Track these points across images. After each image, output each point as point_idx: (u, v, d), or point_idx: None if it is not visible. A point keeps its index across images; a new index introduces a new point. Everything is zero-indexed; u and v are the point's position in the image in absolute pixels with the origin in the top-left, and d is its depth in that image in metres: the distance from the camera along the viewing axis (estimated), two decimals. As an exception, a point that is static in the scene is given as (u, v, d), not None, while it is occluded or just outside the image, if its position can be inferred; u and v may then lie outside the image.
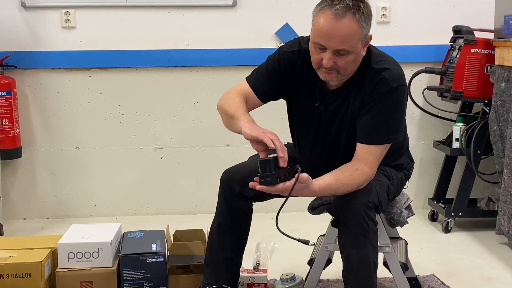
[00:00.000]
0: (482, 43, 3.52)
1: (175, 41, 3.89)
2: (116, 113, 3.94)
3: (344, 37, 2.01)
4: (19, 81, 3.82)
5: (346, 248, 2.09)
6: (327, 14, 2.01)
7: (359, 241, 2.06)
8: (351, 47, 2.04)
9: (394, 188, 2.32)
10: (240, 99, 2.22)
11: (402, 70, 2.18)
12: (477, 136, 3.50)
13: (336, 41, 2.02)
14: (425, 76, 3.88)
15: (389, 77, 2.10)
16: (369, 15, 2.05)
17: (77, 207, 3.98)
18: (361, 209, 2.05)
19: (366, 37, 2.08)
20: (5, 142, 3.66)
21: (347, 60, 2.06)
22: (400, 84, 2.12)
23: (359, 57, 2.10)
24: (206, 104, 3.95)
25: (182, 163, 4.01)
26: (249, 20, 3.91)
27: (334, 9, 1.99)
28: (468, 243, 3.42)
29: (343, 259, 2.11)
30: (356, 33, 2.02)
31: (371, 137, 2.13)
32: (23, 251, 2.42)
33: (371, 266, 2.10)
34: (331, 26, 2.01)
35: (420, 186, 4.06)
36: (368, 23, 2.05)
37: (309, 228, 3.01)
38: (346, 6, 1.99)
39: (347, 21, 2.00)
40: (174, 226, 2.85)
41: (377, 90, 2.10)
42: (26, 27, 3.82)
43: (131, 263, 2.37)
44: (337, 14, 1.99)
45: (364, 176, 2.11)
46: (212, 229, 2.35)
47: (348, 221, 2.07)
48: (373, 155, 2.13)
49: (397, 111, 2.13)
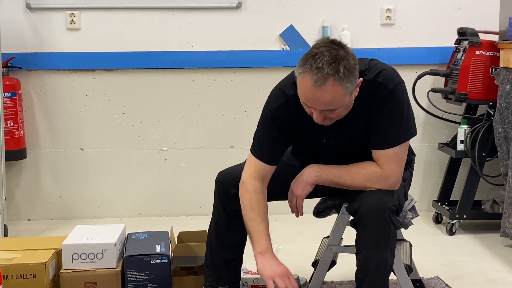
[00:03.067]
0: (487, 45, 3.52)
1: (179, 43, 3.90)
2: (121, 114, 3.95)
3: (329, 101, 1.98)
4: (24, 83, 3.82)
5: (365, 249, 2.07)
6: (308, 82, 1.95)
7: (380, 244, 2.05)
8: (339, 105, 2.01)
9: (408, 187, 2.35)
10: (256, 199, 2.18)
11: (393, 68, 2.16)
12: (482, 138, 3.49)
13: (322, 105, 2.00)
14: (429, 78, 3.88)
15: (384, 80, 2.09)
16: (351, 72, 1.96)
17: (82, 208, 3.99)
18: (386, 212, 2.05)
19: (354, 88, 2.02)
20: (10, 143, 3.66)
21: (338, 112, 2.04)
22: (396, 82, 2.10)
23: (351, 102, 2.07)
24: (210, 106, 3.96)
25: (186, 165, 4.01)
26: (253, 22, 3.91)
27: (314, 79, 1.93)
28: (473, 245, 3.41)
29: (359, 260, 2.09)
30: (340, 95, 1.98)
31: (382, 143, 2.13)
32: (27, 252, 2.43)
33: (388, 270, 2.10)
34: (313, 94, 1.97)
35: (425, 188, 4.05)
36: (352, 79, 1.97)
37: (313, 230, 3.01)
38: (325, 75, 1.92)
39: (329, 88, 1.94)
40: (178, 227, 2.85)
41: (378, 96, 2.09)
42: (31, 29, 3.83)
43: (135, 264, 2.37)
44: (317, 84, 1.94)
45: (371, 170, 2.11)
46: (210, 231, 2.36)
47: (371, 223, 2.05)
48: (383, 158, 2.12)
49: (402, 109, 2.12)
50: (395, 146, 2.13)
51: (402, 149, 2.15)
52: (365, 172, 2.13)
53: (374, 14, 3.94)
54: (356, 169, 2.15)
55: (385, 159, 2.12)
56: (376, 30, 3.95)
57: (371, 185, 2.12)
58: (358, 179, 2.14)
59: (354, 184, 2.14)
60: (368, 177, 2.13)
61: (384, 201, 2.07)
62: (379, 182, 2.12)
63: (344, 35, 3.88)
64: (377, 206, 2.06)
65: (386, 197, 2.08)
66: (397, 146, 2.13)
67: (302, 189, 2.19)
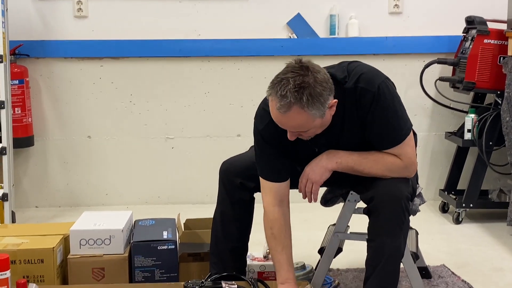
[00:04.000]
0: (495, 33, 3.50)
1: (186, 31, 3.90)
2: (128, 102, 3.95)
3: (295, 126, 2.00)
4: (32, 70, 3.83)
5: (380, 236, 2.07)
6: (273, 106, 1.96)
7: (395, 231, 2.06)
8: (308, 128, 2.01)
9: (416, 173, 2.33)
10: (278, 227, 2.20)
11: (372, 68, 2.12)
12: (489, 127, 3.48)
13: (290, 128, 2.02)
14: (437, 67, 3.87)
15: (365, 84, 2.06)
16: (317, 99, 1.93)
17: (89, 196, 4.01)
18: (403, 200, 2.05)
19: (325, 110, 1.99)
20: (18, 130, 3.68)
21: (310, 132, 2.04)
22: (379, 83, 2.06)
23: (326, 121, 2.05)
24: (217, 94, 3.96)
25: (193, 153, 4.02)
26: (260, 10, 3.90)
27: (277, 106, 1.94)
28: (479, 234, 3.41)
29: (372, 247, 2.09)
30: (307, 121, 1.97)
31: (390, 142, 2.12)
32: (35, 237, 2.44)
33: (400, 257, 2.12)
34: (279, 119, 1.98)
35: (431, 178, 4.05)
36: (318, 105, 1.94)
37: (320, 218, 3.02)
38: (288, 103, 1.92)
39: (293, 115, 1.95)
40: (184, 215, 2.86)
41: (364, 103, 2.06)
42: (38, 17, 3.84)
43: (142, 250, 2.38)
44: (281, 111, 1.94)
45: (391, 160, 2.11)
46: (215, 219, 2.36)
47: (387, 210, 2.05)
48: (397, 151, 2.12)
49: (393, 107, 2.10)
50: (402, 142, 2.12)
51: (409, 139, 2.15)
52: (385, 161, 2.12)
53: (382, 2, 3.92)
54: (376, 158, 2.12)
55: (399, 153, 2.12)
56: (384, 19, 3.93)
57: (390, 174, 2.12)
58: (377, 168, 2.12)
59: (373, 172, 2.13)
60: (387, 167, 2.11)
61: (401, 189, 2.07)
62: (399, 172, 2.12)
63: (351, 23, 3.87)
64: (394, 194, 2.06)
65: (402, 185, 2.09)
66: (403, 141, 2.12)
67: (321, 175, 2.14)
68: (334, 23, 3.86)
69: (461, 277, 2.76)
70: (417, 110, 3.97)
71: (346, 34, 3.91)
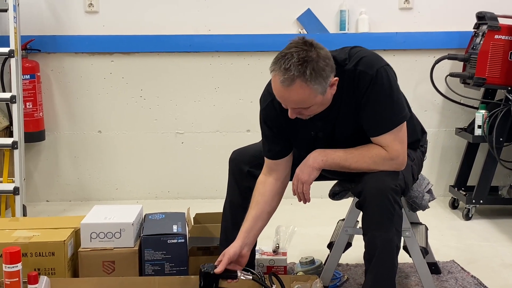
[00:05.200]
0: (506, 29, 3.49)
1: (196, 26, 3.90)
2: (138, 97, 3.97)
3: (297, 101, 2.01)
4: (43, 65, 3.86)
5: (370, 230, 2.09)
6: (277, 81, 1.98)
7: (384, 224, 2.06)
8: (309, 104, 2.03)
9: (417, 167, 2.32)
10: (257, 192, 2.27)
11: (374, 54, 2.13)
12: (500, 123, 3.47)
13: (291, 104, 2.03)
14: (447, 63, 3.85)
15: (364, 67, 2.07)
16: (319, 73, 1.96)
17: (99, 190, 4.03)
18: (388, 192, 2.05)
19: (326, 87, 2.02)
20: (29, 125, 3.71)
21: (311, 109, 2.06)
22: (378, 67, 2.08)
23: (326, 99, 2.07)
24: (227, 90, 3.97)
25: (203, 148, 4.03)
26: (271, 5, 3.90)
27: (281, 79, 1.96)
28: (489, 230, 3.41)
29: (366, 241, 2.11)
30: (309, 96, 1.99)
31: (377, 129, 2.12)
32: (46, 230, 2.46)
33: (394, 250, 2.10)
34: (282, 93, 2.00)
35: (441, 174, 4.04)
36: (321, 80, 1.97)
37: (329, 213, 3.02)
38: (292, 76, 1.94)
39: (296, 89, 1.97)
40: (194, 210, 2.87)
41: (361, 86, 2.08)
42: (50, 12, 3.86)
43: (152, 244, 2.39)
44: (284, 84, 1.97)
45: (376, 151, 2.10)
46: (225, 209, 2.39)
47: (374, 204, 2.06)
48: (385, 141, 2.11)
49: (390, 93, 2.10)
50: (391, 130, 2.12)
51: (400, 130, 2.14)
52: (370, 154, 2.12)
53: (392, -2, 3.91)
54: (361, 152, 2.13)
55: (386, 144, 2.12)
56: (394, 14, 3.92)
57: (377, 167, 2.11)
58: (363, 162, 2.12)
59: (360, 166, 2.13)
60: (373, 160, 2.11)
61: (385, 182, 2.07)
62: (385, 164, 2.12)
63: (362, 19, 3.87)
64: (379, 186, 2.06)
65: (387, 178, 2.08)
66: (393, 129, 2.12)
67: (309, 175, 2.16)
68: (344, 19, 3.85)
69: (470, 273, 2.76)
70: (427, 105, 3.96)
71: (356, 29, 3.90)
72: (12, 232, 2.44)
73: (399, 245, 2.14)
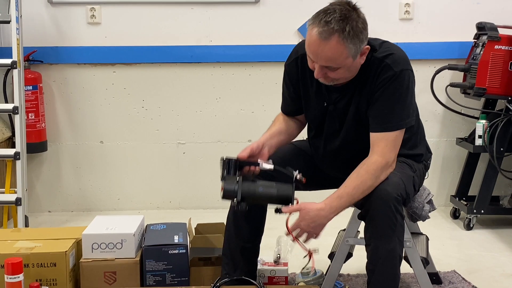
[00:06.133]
0: (506, 39, 3.50)
1: (198, 37, 3.92)
2: (140, 108, 3.98)
3: (329, 57, 2.03)
4: (45, 76, 3.88)
5: (373, 240, 2.10)
6: (314, 33, 2.02)
7: (387, 234, 2.07)
8: (339, 64, 2.06)
9: (418, 179, 2.33)
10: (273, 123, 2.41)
11: (405, 55, 2.17)
12: (500, 133, 3.48)
13: (322, 60, 2.05)
14: (448, 73, 3.87)
15: (392, 62, 2.11)
16: (357, 34, 2.01)
17: (101, 200, 4.04)
18: (391, 202, 2.06)
19: (359, 51, 2.06)
20: (31, 136, 3.72)
21: (338, 72, 2.09)
22: (403, 68, 2.12)
23: (354, 67, 2.11)
24: (228, 100, 3.98)
25: (204, 158, 4.04)
26: (272, 16, 3.92)
27: (319, 31, 2.00)
28: (490, 240, 3.41)
29: (368, 251, 2.12)
30: (342, 54, 2.02)
31: (383, 125, 2.14)
32: (48, 241, 2.46)
33: (397, 259, 2.11)
34: (316, 46, 2.03)
35: (443, 183, 4.04)
36: (357, 41, 2.02)
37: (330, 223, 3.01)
38: (331, 29, 1.99)
39: (332, 43, 2.00)
40: (196, 220, 2.88)
41: (381, 77, 2.11)
42: (52, 23, 3.88)
43: (153, 254, 2.40)
44: (321, 36, 2.00)
45: (374, 167, 2.10)
46: (228, 219, 2.39)
47: (377, 214, 2.07)
48: (385, 141, 2.13)
49: (405, 95, 2.13)
50: (396, 130, 2.13)
51: (400, 134, 2.16)
52: (368, 176, 2.09)
53: (392, 8, 3.93)
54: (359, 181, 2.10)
55: (386, 143, 2.12)
56: (395, 25, 3.94)
57: (379, 180, 2.11)
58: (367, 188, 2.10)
59: (366, 193, 2.11)
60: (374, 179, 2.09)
61: (388, 192, 2.08)
62: (384, 172, 2.11)
63: (362, 29, 3.88)
64: (382, 197, 2.07)
65: (390, 188, 2.09)
66: (396, 131, 2.13)
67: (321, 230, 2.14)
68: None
69: (471, 283, 2.76)
70: (428, 116, 3.97)
71: (357, 40, 3.91)
72: (14, 242, 2.45)
73: (402, 255, 2.16)
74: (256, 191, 2.12)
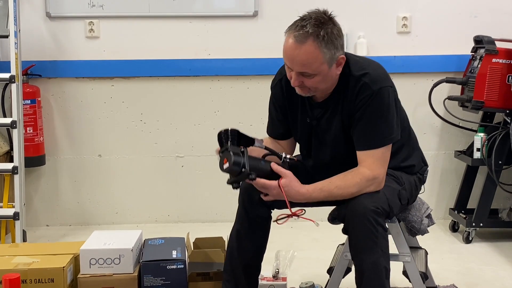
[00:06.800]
0: (504, 53, 3.51)
1: (196, 50, 3.93)
2: (138, 121, 3.98)
3: (304, 61, 2.07)
4: (44, 90, 3.88)
5: (357, 254, 2.11)
6: (290, 38, 2.08)
7: (368, 246, 2.07)
8: (314, 71, 2.08)
9: (407, 193, 2.31)
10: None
11: (383, 71, 2.19)
12: (499, 146, 3.48)
13: (298, 65, 2.09)
14: (446, 86, 3.87)
15: (370, 81, 2.13)
16: (332, 40, 2.06)
17: (99, 214, 4.03)
18: (368, 214, 2.06)
19: (334, 59, 2.10)
20: (29, 149, 3.71)
21: (314, 80, 2.11)
22: (382, 86, 2.13)
23: (330, 77, 2.13)
24: (227, 113, 3.98)
25: (203, 172, 4.03)
26: (270, 29, 3.93)
27: (295, 35, 2.05)
28: (489, 253, 3.40)
29: (355, 265, 2.12)
30: (317, 58, 2.05)
31: (367, 143, 2.16)
32: (45, 256, 2.46)
33: (383, 272, 2.10)
34: (291, 50, 2.08)
35: (441, 196, 4.04)
36: (331, 47, 2.06)
37: (329, 237, 3.01)
38: (306, 33, 2.04)
39: (306, 47, 2.04)
40: (194, 234, 2.87)
41: (360, 97, 2.13)
42: (50, 37, 3.89)
43: (151, 270, 2.39)
44: (297, 40, 2.05)
45: (359, 176, 2.12)
46: (231, 236, 2.37)
47: (356, 227, 2.08)
48: (372, 158, 2.15)
49: (386, 112, 2.15)
50: (380, 148, 2.15)
51: (386, 150, 2.17)
52: (353, 183, 2.12)
53: (390, 22, 3.94)
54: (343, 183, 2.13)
55: (373, 160, 2.14)
56: (392, 38, 3.95)
57: (361, 192, 2.12)
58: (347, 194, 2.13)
59: (345, 195, 2.14)
60: (357, 188, 2.12)
61: (365, 204, 2.08)
62: (369, 186, 2.13)
63: (360, 43, 3.89)
64: (358, 209, 2.08)
65: (366, 200, 2.10)
66: (382, 147, 2.15)
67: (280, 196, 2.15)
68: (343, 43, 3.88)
69: (471, 297, 2.75)
70: (426, 128, 3.97)
71: (354, 53, 3.91)
72: (11, 258, 2.44)
73: (388, 267, 2.14)
74: (259, 164, 2.13)
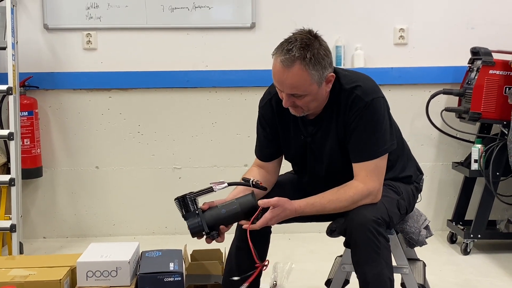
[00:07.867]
0: (501, 64, 3.52)
1: (194, 62, 3.94)
2: (136, 133, 3.98)
3: (293, 84, 2.07)
4: (41, 102, 3.88)
5: (360, 266, 2.09)
6: (277, 62, 2.08)
7: (372, 258, 2.07)
8: (304, 91, 2.09)
9: (406, 202, 2.31)
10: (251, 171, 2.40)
11: (374, 83, 2.21)
12: (496, 158, 3.48)
13: (287, 88, 2.09)
14: (443, 98, 3.88)
15: (362, 93, 2.14)
16: (319, 61, 2.06)
17: (96, 226, 4.02)
18: (369, 225, 2.06)
19: (323, 78, 2.10)
20: (26, 161, 3.71)
21: (305, 100, 2.12)
22: (374, 97, 2.15)
23: (320, 95, 2.14)
24: (224, 125, 3.98)
25: (200, 183, 3.99)
26: (267, 41, 3.91)
27: (282, 59, 2.05)
28: (487, 265, 3.39)
29: (358, 278, 2.11)
30: (306, 80, 2.06)
31: (360, 155, 2.16)
32: (42, 269, 2.44)
33: (387, 283, 2.09)
34: (280, 74, 2.08)
35: (439, 208, 4.04)
36: (319, 68, 2.07)
37: (327, 249, 3.01)
38: (293, 57, 2.04)
39: (294, 71, 2.05)
40: (191, 246, 2.86)
41: (354, 109, 2.14)
42: (48, 49, 3.89)
43: (149, 282, 2.38)
44: (284, 64, 2.05)
45: (353, 190, 2.13)
46: (230, 252, 2.37)
47: (358, 239, 2.08)
48: (365, 171, 2.15)
49: (379, 123, 2.16)
50: (375, 159, 2.15)
51: (381, 162, 2.17)
52: (345, 197, 2.13)
53: (387, 33, 3.95)
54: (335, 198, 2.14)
55: (367, 172, 2.14)
56: (389, 50, 3.96)
57: (355, 205, 2.13)
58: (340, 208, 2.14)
59: (338, 209, 2.15)
60: (350, 202, 2.13)
61: (365, 215, 2.08)
62: (364, 199, 2.14)
63: (357, 54, 3.90)
64: (359, 221, 2.08)
65: (366, 211, 2.10)
66: (377, 158, 2.15)
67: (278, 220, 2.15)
68: (340, 54, 3.89)
69: (469, 309, 2.74)
70: (424, 140, 3.97)
71: (352, 65, 3.94)
72: (8, 270, 2.42)
73: (392, 278, 2.13)
74: (220, 215, 2.15)
